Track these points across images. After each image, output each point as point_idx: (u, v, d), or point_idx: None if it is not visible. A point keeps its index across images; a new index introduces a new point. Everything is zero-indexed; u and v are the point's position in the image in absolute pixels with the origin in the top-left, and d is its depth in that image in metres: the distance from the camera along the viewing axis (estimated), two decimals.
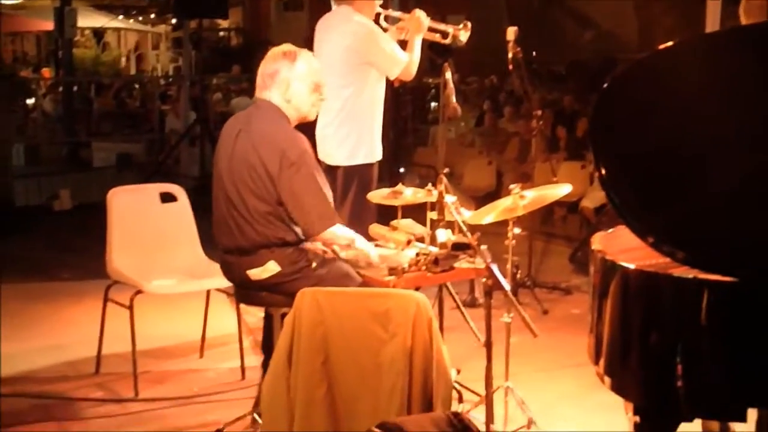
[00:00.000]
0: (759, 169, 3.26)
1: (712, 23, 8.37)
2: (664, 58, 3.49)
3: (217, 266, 5.24)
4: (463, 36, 6.26)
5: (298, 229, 4.80)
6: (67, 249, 9.55)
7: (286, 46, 4.95)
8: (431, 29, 6.32)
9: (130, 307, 5.69)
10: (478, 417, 4.89)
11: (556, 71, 22.93)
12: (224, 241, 4.91)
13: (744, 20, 4.50)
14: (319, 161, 5.50)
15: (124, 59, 33.01)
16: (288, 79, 4.83)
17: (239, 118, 5.02)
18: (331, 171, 6.02)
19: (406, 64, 6.24)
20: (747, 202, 3.27)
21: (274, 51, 4.95)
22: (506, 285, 4.01)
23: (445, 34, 6.31)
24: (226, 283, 5.35)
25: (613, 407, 4.14)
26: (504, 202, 5.10)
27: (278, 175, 4.67)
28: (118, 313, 5.81)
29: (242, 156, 4.77)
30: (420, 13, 6.27)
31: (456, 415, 3.73)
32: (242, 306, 5.62)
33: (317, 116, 5.42)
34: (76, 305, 7.54)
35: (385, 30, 6.31)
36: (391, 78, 6.33)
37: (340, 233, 4.86)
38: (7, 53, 30.72)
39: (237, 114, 5.15)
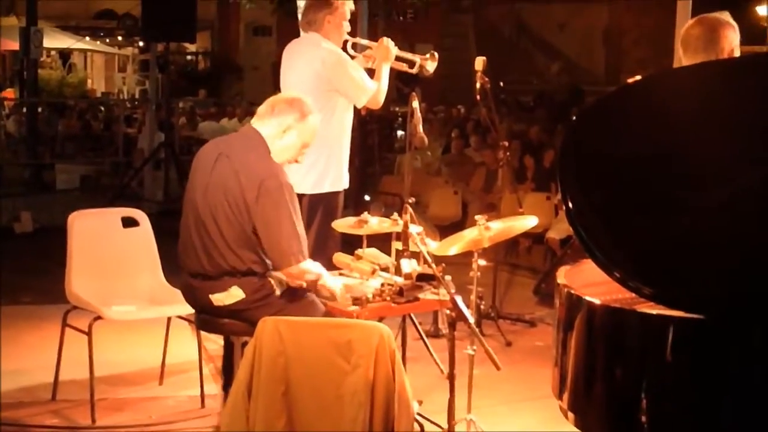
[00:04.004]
0: (726, 206, 3.24)
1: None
2: (633, 92, 3.49)
3: (178, 293, 5.19)
4: (430, 66, 6.29)
5: (268, 261, 4.78)
6: (28, 272, 9.41)
7: (306, 99, 5.00)
8: (398, 58, 6.32)
9: (89, 333, 5.61)
10: None
11: (523, 101, 23.05)
12: (190, 264, 4.87)
13: (682, 50, 4.50)
14: None
15: (90, 81, 32.86)
16: (290, 126, 4.85)
17: (219, 142, 5.02)
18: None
19: (374, 92, 6.23)
20: (714, 239, 3.25)
21: (294, 96, 5.01)
22: (470, 317, 3.99)
23: (412, 64, 6.32)
24: (187, 310, 5.30)
25: None
26: (469, 233, 5.09)
27: (254, 203, 4.66)
28: (77, 339, 5.73)
29: (221, 181, 4.74)
30: (388, 42, 6.28)
31: None
32: (203, 333, 5.57)
33: None
34: (35, 330, 7.42)
35: (353, 58, 6.30)
36: (359, 106, 6.32)
37: (308, 268, 4.85)
38: None
39: (216, 139, 5.15)
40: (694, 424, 3.25)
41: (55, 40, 26.86)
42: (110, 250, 6.22)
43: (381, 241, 5.44)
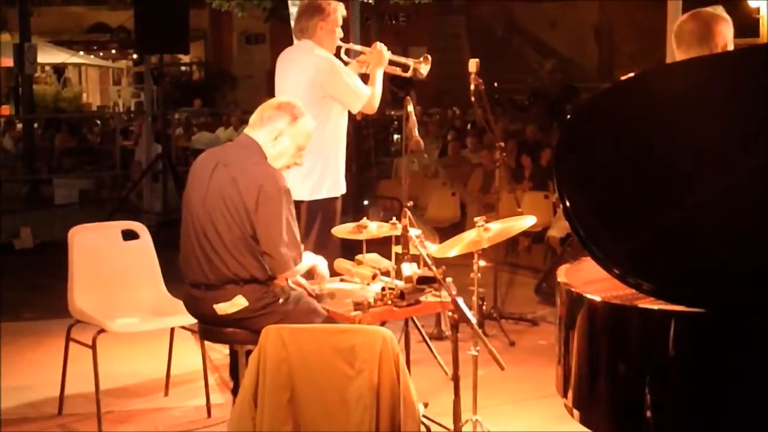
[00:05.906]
0: (721, 199, 3.26)
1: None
2: (627, 89, 3.50)
3: (180, 303, 5.19)
4: (424, 69, 6.31)
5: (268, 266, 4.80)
6: (29, 288, 9.43)
7: (296, 102, 5.04)
8: (392, 62, 6.34)
9: (93, 347, 5.62)
10: None
11: (518, 100, 23.09)
12: (192, 275, 4.89)
13: (675, 45, 4.51)
14: None
15: (85, 95, 32.88)
16: (282, 131, 4.87)
17: (215, 152, 5.03)
18: (294, 206, 5.99)
19: (369, 97, 6.25)
20: (711, 233, 3.27)
21: (282, 101, 5.03)
22: (472, 318, 3.99)
23: (406, 68, 6.35)
24: (189, 321, 5.31)
25: None
26: (469, 235, 5.10)
27: (255, 209, 4.68)
28: (81, 353, 5.73)
29: (219, 189, 4.76)
30: (381, 47, 6.30)
31: None
32: (207, 343, 5.58)
33: None
34: (38, 345, 7.44)
35: (346, 64, 6.31)
36: (354, 112, 6.33)
37: (300, 267, 4.89)
38: None
39: (211, 149, 5.17)
40: (698, 418, 3.26)
41: (49, 55, 26.92)
42: (111, 264, 6.23)
43: (381, 246, 5.45)
